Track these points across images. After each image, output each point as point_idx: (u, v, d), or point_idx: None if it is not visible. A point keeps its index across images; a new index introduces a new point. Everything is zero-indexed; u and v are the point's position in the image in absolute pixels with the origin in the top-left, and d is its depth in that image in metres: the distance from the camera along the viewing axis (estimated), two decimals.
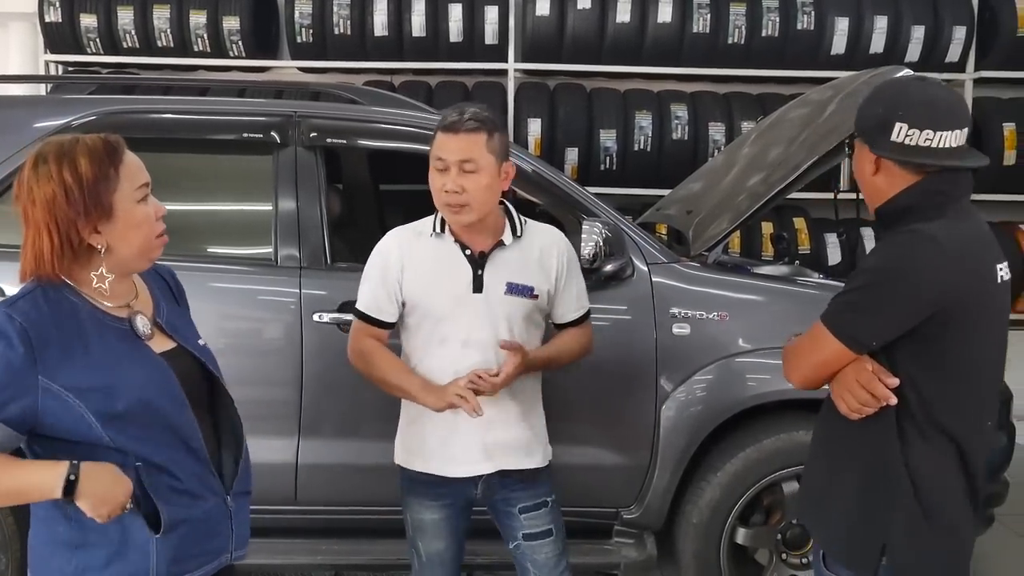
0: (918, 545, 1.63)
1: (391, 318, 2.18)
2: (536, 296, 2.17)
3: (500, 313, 2.14)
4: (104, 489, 1.48)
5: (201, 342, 1.72)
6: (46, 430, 1.50)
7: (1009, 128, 4.87)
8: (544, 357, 2.20)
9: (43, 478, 1.47)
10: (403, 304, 2.16)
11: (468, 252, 2.13)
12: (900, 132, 1.59)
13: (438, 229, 2.16)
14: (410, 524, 2.24)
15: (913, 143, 1.59)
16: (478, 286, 2.12)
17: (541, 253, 2.19)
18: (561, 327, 2.29)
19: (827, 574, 1.74)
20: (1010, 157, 4.86)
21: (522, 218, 2.22)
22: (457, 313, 2.12)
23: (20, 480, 1.48)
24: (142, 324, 1.61)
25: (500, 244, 2.15)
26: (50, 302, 1.51)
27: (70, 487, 1.45)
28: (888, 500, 1.62)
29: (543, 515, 2.23)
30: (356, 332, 2.21)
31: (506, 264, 2.15)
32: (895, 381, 1.58)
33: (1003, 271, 1.65)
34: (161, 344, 1.63)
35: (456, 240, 2.14)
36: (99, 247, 1.53)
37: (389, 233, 2.22)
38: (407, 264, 2.14)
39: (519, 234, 2.18)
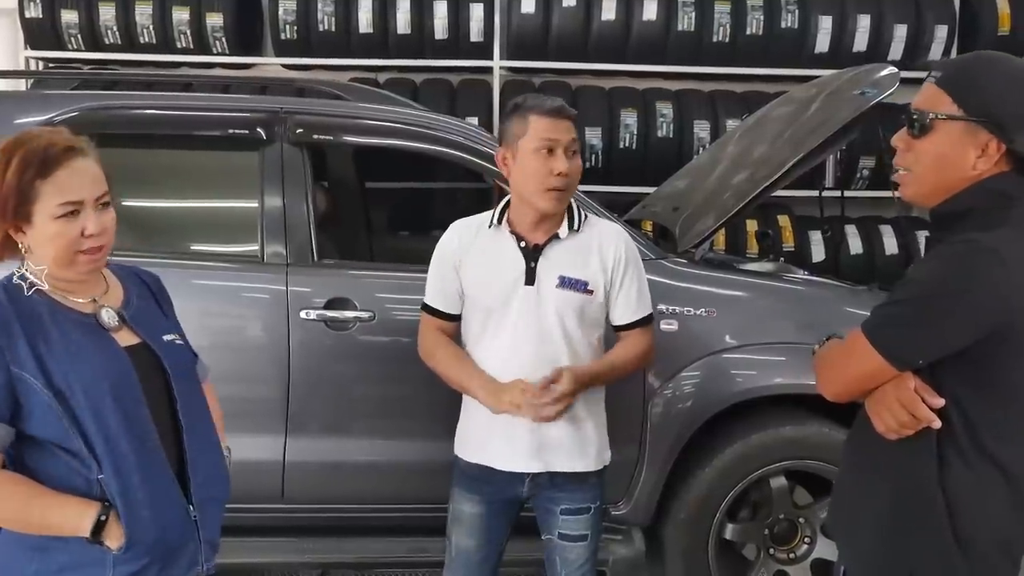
0: (949, 575, 1.50)
1: (454, 309, 2.21)
2: (591, 291, 2.14)
3: (551, 307, 2.12)
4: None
5: (167, 338, 1.68)
6: (24, 426, 1.49)
7: None
8: (594, 372, 2.13)
9: (73, 515, 1.50)
10: (462, 295, 2.19)
11: (523, 244, 2.13)
12: None
13: (495, 221, 2.16)
14: (450, 513, 2.26)
15: None
16: (530, 279, 2.12)
17: (600, 248, 2.17)
18: (619, 330, 2.24)
19: None
20: None
21: (584, 212, 2.21)
22: (508, 305, 2.12)
23: (52, 513, 1.50)
24: (107, 317, 1.61)
25: (555, 237, 2.14)
26: (9, 295, 1.53)
27: (98, 527, 1.49)
28: (920, 525, 1.50)
29: (583, 520, 2.22)
30: (422, 326, 2.27)
31: (560, 257, 2.14)
32: (940, 401, 1.44)
33: None
34: (126, 339, 1.62)
35: (512, 232, 2.14)
36: (21, 246, 1.55)
37: (452, 225, 2.25)
38: (464, 256, 2.17)
39: (576, 228, 2.16)
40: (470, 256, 2.17)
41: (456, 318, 2.23)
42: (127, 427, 1.54)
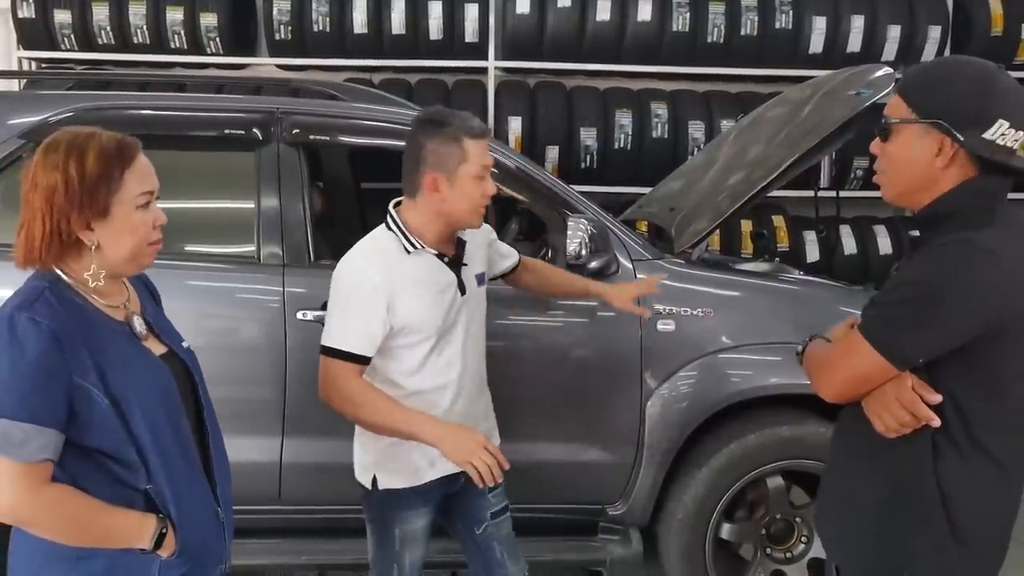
0: (945, 567, 1.53)
1: (375, 351, 2.07)
2: (486, 280, 2.26)
3: (480, 306, 2.20)
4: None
5: (185, 344, 1.70)
6: (79, 436, 1.46)
7: None
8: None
9: (135, 529, 1.50)
10: (390, 330, 2.05)
11: (446, 259, 2.12)
12: (998, 130, 1.46)
13: (416, 245, 2.08)
14: (397, 539, 2.17)
15: (1004, 143, 1.47)
16: (463, 288, 2.13)
17: (479, 239, 2.26)
18: (514, 269, 2.45)
19: None
20: None
21: None
22: (454, 321, 2.10)
23: (112, 525, 1.48)
24: (139, 325, 1.59)
25: (462, 242, 2.17)
26: (61, 301, 1.48)
27: (159, 540, 1.50)
28: (916, 519, 1.53)
29: (502, 491, 2.29)
30: (341, 374, 2.05)
31: (470, 259, 2.18)
32: (937, 398, 1.48)
33: None
34: (155, 347, 1.61)
35: (433, 251, 2.10)
36: (89, 244, 1.51)
37: (357, 263, 2.08)
38: (397, 290, 2.02)
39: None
40: (403, 289, 2.03)
41: (370, 360, 2.08)
42: (175, 437, 1.54)
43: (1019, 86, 1.51)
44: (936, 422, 1.48)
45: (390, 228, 2.11)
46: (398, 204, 2.14)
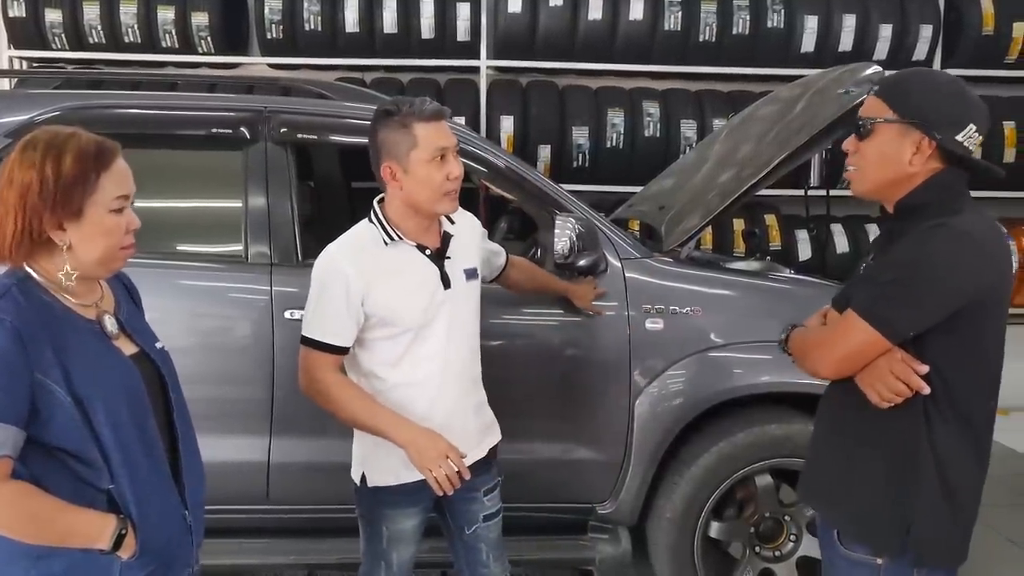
0: (938, 523, 1.69)
1: (352, 342, 2.08)
2: (478, 275, 2.22)
3: (468, 301, 2.17)
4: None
5: (159, 345, 1.69)
6: (40, 434, 1.45)
7: None
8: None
9: (95, 528, 1.49)
10: (364, 322, 2.06)
11: (428, 252, 2.10)
12: (968, 132, 1.67)
13: (393, 236, 2.07)
14: (386, 538, 2.18)
15: (969, 145, 1.68)
16: (447, 282, 2.11)
17: (468, 233, 2.23)
18: (504, 269, 2.45)
19: (844, 552, 1.77)
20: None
21: None
22: (436, 315, 2.09)
23: (71, 524, 1.47)
24: (110, 324, 1.59)
25: (447, 235, 2.15)
26: (28, 299, 1.48)
27: (117, 540, 1.49)
28: (914, 482, 1.68)
29: (498, 494, 2.27)
30: (318, 365, 2.05)
31: (457, 253, 2.15)
32: (924, 368, 1.64)
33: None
34: (126, 347, 1.60)
35: (413, 243, 2.09)
36: (61, 244, 1.50)
37: (332, 255, 2.08)
38: (371, 281, 2.03)
39: (453, 221, 2.19)
40: (377, 281, 2.04)
41: (347, 351, 2.10)
42: (139, 438, 1.54)
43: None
44: (926, 389, 1.63)
45: (371, 221, 2.11)
46: (383, 199, 2.14)
